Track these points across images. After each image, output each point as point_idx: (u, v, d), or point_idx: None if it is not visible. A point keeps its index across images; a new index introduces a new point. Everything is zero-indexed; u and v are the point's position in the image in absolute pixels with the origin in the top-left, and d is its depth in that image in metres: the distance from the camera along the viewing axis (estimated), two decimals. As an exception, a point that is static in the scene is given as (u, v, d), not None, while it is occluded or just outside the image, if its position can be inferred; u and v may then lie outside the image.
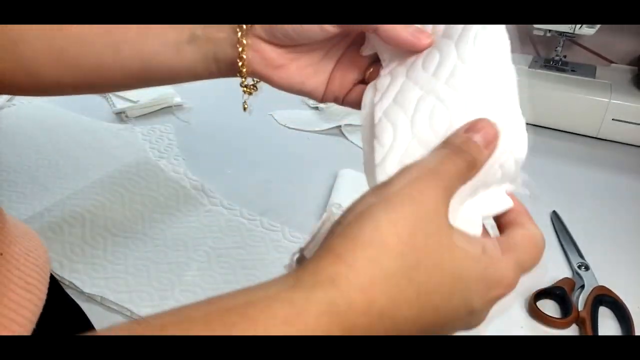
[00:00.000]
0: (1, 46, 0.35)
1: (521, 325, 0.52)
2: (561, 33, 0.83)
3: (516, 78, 0.28)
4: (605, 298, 0.54)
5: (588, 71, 0.88)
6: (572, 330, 0.52)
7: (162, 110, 0.93)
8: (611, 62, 0.95)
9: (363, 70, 0.38)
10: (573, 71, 0.88)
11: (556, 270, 0.58)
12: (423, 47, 0.32)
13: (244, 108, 0.41)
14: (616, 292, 0.54)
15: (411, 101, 0.29)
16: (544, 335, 0.51)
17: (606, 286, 0.55)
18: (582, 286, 0.55)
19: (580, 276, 0.57)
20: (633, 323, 0.51)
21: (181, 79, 0.39)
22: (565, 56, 0.89)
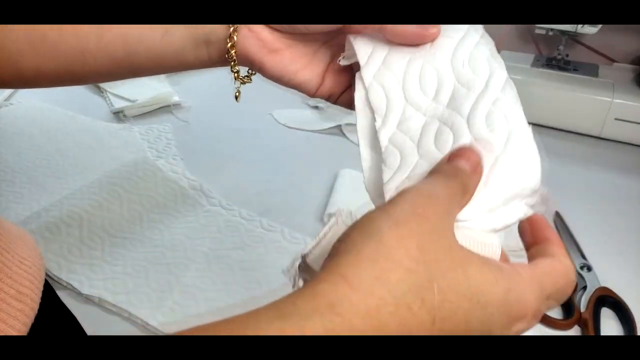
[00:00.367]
0: None
1: (523, 326, 0.52)
2: (563, 32, 0.83)
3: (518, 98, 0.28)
4: (607, 299, 0.53)
5: (590, 70, 0.88)
6: (575, 331, 0.51)
7: (161, 109, 0.92)
8: (614, 61, 0.94)
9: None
10: (575, 70, 0.87)
11: (558, 271, 0.58)
12: (432, 38, 0.31)
13: (236, 97, 0.39)
14: (619, 293, 0.53)
15: (417, 128, 0.30)
16: (546, 335, 0.51)
17: (609, 287, 0.54)
18: (585, 287, 0.55)
19: (582, 277, 0.56)
20: (635, 324, 0.50)
21: (169, 67, 0.37)
22: (567, 55, 0.89)
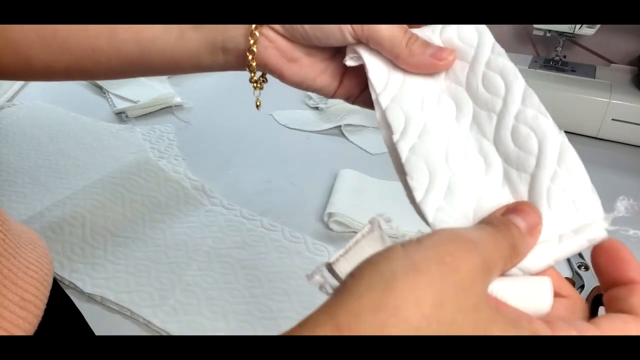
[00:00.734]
0: None
1: (521, 325, 0.52)
2: (561, 33, 0.83)
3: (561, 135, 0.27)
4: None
5: (588, 71, 0.88)
6: (572, 330, 0.52)
7: (162, 110, 0.93)
8: (611, 62, 0.95)
9: None
10: (573, 71, 0.88)
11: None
12: (446, 67, 0.30)
13: (257, 106, 0.38)
14: (616, 292, 0.54)
15: (441, 141, 0.29)
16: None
17: (606, 286, 0.55)
18: (582, 286, 0.55)
19: (580, 276, 0.56)
20: (633, 323, 0.51)
21: (183, 68, 0.36)
22: (565, 56, 0.90)
